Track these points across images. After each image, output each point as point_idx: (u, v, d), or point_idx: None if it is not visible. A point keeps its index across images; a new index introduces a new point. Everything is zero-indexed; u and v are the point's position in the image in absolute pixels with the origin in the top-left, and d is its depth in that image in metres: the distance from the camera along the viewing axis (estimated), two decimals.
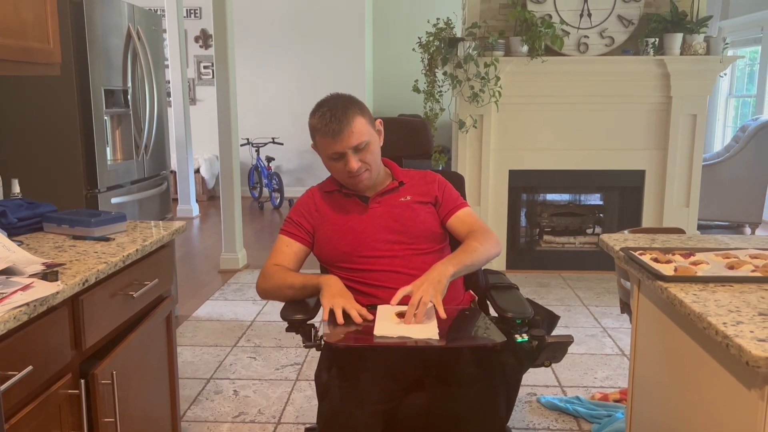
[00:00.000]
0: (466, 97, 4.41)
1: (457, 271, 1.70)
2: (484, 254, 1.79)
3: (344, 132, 1.73)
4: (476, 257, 1.77)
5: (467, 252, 1.77)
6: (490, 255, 1.82)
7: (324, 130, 1.74)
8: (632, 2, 4.43)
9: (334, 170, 1.84)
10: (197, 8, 7.97)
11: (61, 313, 1.42)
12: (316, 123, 1.77)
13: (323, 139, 1.76)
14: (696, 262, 1.60)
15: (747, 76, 7.33)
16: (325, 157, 1.81)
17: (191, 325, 3.69)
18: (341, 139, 1.74)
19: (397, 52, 8.33)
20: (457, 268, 1.71)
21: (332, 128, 1.73)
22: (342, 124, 1.73)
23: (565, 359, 3.12)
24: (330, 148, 1.76)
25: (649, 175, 4.63)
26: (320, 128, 1.75)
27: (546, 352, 1.61)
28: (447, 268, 1.68)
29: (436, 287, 1.61)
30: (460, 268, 1.72)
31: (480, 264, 1.81)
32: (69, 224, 1.86)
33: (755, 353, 1.07)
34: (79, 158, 2.93)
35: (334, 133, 1.73)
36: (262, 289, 1.85)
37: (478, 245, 1.79)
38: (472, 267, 1.78)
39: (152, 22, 3.52)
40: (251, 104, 7.88)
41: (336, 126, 1.72)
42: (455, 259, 1.74)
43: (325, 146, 1.78)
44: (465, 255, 1.76)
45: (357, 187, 1.86)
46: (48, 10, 1.89)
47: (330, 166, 1.84)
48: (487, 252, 1.81)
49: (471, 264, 1.76)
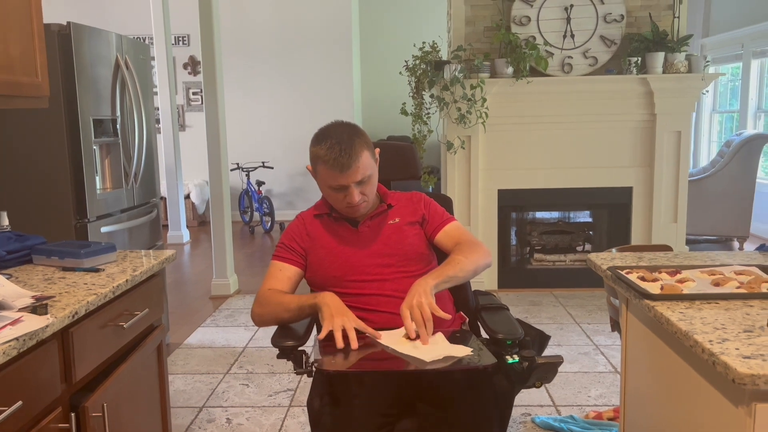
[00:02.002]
0: (454, 118, 4.45)
1: (438, 282, 1.72)
2: (469, 266, 1.80)
3: (352, 167, 1.74)
4: (460, 269, 1.78)
5: (449, 264, 1.79)
6: (478, 265, 1.82)
7: (332, 163, 1.73)
8: (614, 23, 4.51)
9: (333, 199, 1.84)
10: (185, 35, 8.03)
11: (51, 346, 1.41)
12: (323, 154, 1.75)
13: (329, 171, 1.76)
14: (682, 280, 1.62)
15: (730, 91, 7.45)
16: (326, 186, 1.81)
17: (183, 353, 3.66)
18: (349, 174, 1.74)
19: (384, 75, 8.41)
20: (438, 279, 1.72)
21: (341, 162, 1.72)
22: (351, 159, 1.73)
23: (559, 378, 3.12)
24: (334, 181, 1.77)
25: (637, 191, 4.68)
26: (328, 160, 1.74)
27: (537, 372, 1.62)
28: (427, 281, 1.70)
29: (427, 294, 1.65)
30: (443, 279, 1.73)
31: (466, 275, 1.81)
32: (58, 256, 1.86)
33: (741, 371, 1.08)
34: (68, 188, 2.93)
35: (342, 167, 1.73)
36: (257, 314, 1.83)
37: (462, 257, 1.80)
38: (456, 279, 1.78)
39: (140, 51, 3.55)
40: (241, 129, 7.91)
41: (345, 160, 1.72)
42: (436, 272, 1.76)
43: (328, 177, 1.78)
44: (447, 267, 1.78)
45: (352, 215, 1.87)
46: (36, 44, 1.91)
47: (328, 195, 1.84)
48: (474, 263, 1.81)
49: (454, 276, 1.76)
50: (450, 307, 1.95)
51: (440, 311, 1.63)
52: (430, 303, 1.64)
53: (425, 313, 1.63)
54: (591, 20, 4.51)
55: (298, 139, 7.91)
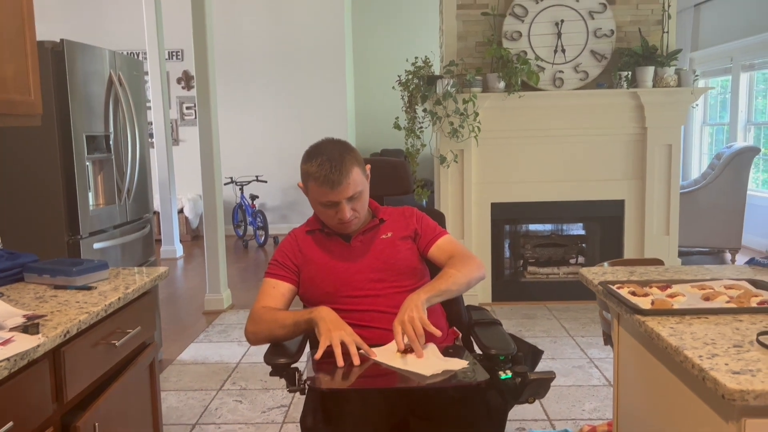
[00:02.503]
0: (446, 132, 4.48)
1: (431, 296, 1.73)
2: (462, 279, 1.81)
3: (342, 183, 1.75)
4: (453, 282, 1.79)
5: (442, 278, 1.80)
6: (471, 278, 1.83)
7: (322, 180, 1.75)
8: (604, 38, 4.56)
9: (324, 215, 1.85)
10: (179, 50, 8.06)
11: (42, 366, 1.41)
12: (313, 171, 1.76)
13: (319, 187, 1.77)
14: (673, 295, 1.63)
15: (720, 104, 7.52)
16: (317, 203, 1.83)
17: (175, 370, 3.65)
18: (339, 190, 1.76)
19: (377, 89, 8.46)
20: (430, 294, 1.73)
21: (331, 179, 1.74)
22: (342, 176, 1.74)
23: (553, 391, 3.12)
24: (325, 197, 1.78)
25: (629, 204, 4.70)
26: (318, 177, 1.75)
27: (529, 388, 1.62)
28: (419, 295, 1.71)
29: (419, 309, 1.66)
30: (435, 293, 1.75)
31: (459, 289, 1.82)
32: (50, 274, 1.85)
33: (730, 386, 1.09)
34: (60, 205, 2.92)
35: (333, 184, 1.75)
36: (251, 332, 1.82)
37: (455, 271, 1.82)
38: (449, 293, 1.79)
39: (134, 68, 3.56)
40: (234, 143, 7.92)
41: (336, 177, 1.74)
42: (428, 286, 1.77)
43: (319, 194, 1.79)
44: (439, 281, 1.79)
45: (343, 231, 1.88)
46: (29, 63, 1.91)
47: (319, 211, 1.86)
48: (467, 276, 1.82)
49: (447, 289, 1.78)
50: (443, 323, 1.95)
51: (432, 327, 1.64)
52: (422, 318, 1.65)
53: (417, 329, 1.63)
54: (581, 35, 4.56)
55: (291, 153, 7.92)
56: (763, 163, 6.57)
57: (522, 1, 4.56)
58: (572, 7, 4.54)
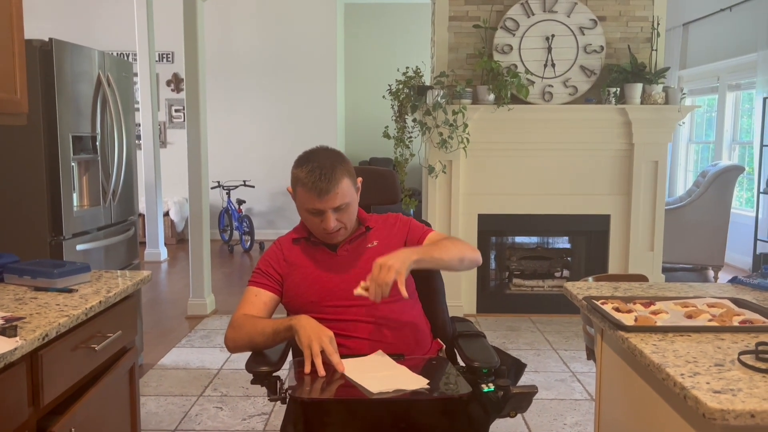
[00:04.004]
0: (436, 143, 4.49)
1: (422, 258, 1.73)
2: (455, 253, 1.81)
3: (330, 193, 1.74)
4: (446, 252, 1.79)
5: (436, 246, 1.81)
6: (465, 255, 1.83)
7: (310, 186, 1.74)
8: (594, 54, 4.60)
9: (310, 223, 1.84)
10: (170, 53, 8.03)
11: (19, 369, 1.38)
12: (303, 176, 1.76)
13: (307, 194, 1.76)
14: (656, 312, 1.64)
15: (706, 122, 7.60)
16: (303, 209, 1.82)
17: (156, 374, 3.61)
18: (326, 199, 1.75)
19: (368, 97, 8.47)
20: (421, 256, 1.73)
21: (319, 187, 1.73)
22: (330, 185, 1.74)
23: (535, 405, 3.12)
24: (311, 204, 1.77)
25: (614, 219, 4.73)
26: (307, 183, 1.75)
27: (512, 402, 1.62)
28: (411, 254, 1.71)
29: (402, 263, 1.65)
30: (426, 257, 1.75)
31: (451, 261, 1.80)
32: (31, 275, 1.83)
33: (711, 405, 1.09)
34: (44, 205, 2.88)
35: (320, 192, 1.74)
36: (231, 339, 1.80)
37: (450, 243, 1.83)
38: (441, 262, 1.79)
39: (123, 69, 3.53)
40: (222, 147, 7.89)
41: (324, 185, 1.73)
42: (422, 249, 1.78)
43: (306, 201, 1.78)
44: (433, 248, 1.80)
45: (329, 241, 1.87)
46: (17, 62, 1.89)
47: (306, 218, 1.85)
48: (461, 252, 1.82)
49: (438, 258, 1.78)
50: (426, 334, 1.95)
51: (403, 288, 1.63)
52: (400, 272, 1.64)
53: (385, 278, 1.63)
54: (571, 50, 4.60)
55: (280, 159, 7.91)
56: (747, 181, 6.65)
57: (514, 15, 4.60)
58: (563, 22, 4.59)
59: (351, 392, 1.57)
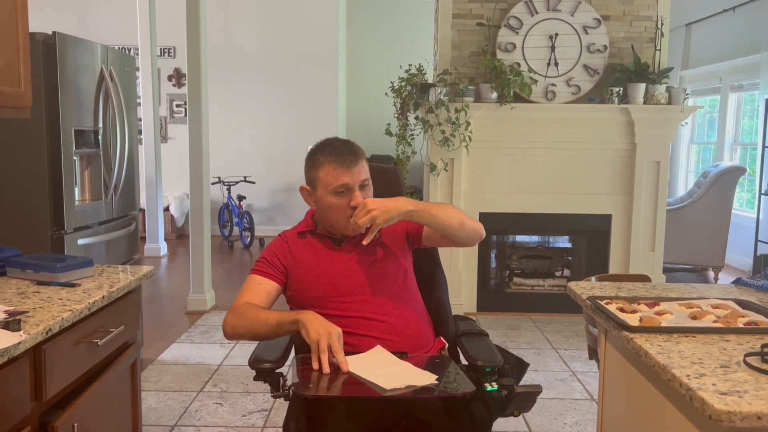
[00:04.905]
0: (438, 141, 4.48)
1: (415, 210, 1.75)
2: (456, 215, 1.81)
3: (357, 164, 1.79)
4: (445, 214, 1.80)
5: (437, 205, 1.83)
6: (465, 223, 1.82)
7: (339, 161, 1.77)
8: (597, 53, 4.59)
9: (335, 208, 1.81)
10: (171, 47, 8.01)
11: (22, 363, 1.38)
12: (328, 154, 1.79)
13: (334, 171, 1.77)
14: (660, 312, 1.63)
15: (708, 123, 7.60)
16: (329, 193, 1.79)
17: (156, 369, 3.60)
18: (354, 171, 1.78)
19: (370, 94, 8.45)
20: (417, 208, 1.76)
21: (347, 159, 1.77)
22: (356, 157, 1.79)
23: (535, 404, 3.12)
24: (339, 180, 1.77)
25: (616, 219, 4.73)
26: (334, 159, 1.78)
27: (515, 401, 1.62)
28: (406, 204, 1.75)
29: (385, 212, 1.70)
30: (422, 212, 1.77)
31: (450, 221, 1.80)
32: (34, 269, 1.82)
33: (717, 407, 1.09)
34: (45, 199, 2.88)
35: (349, 164, 1.77)
36: (231, 325, 1.77)
37: (452, 207, 1.85)
38: (438, 219, 1.79)
39: (125, 63, 3.53)
40: (223, 143, 7.88)
41: (352, 158, 1.78)
42: (421, 203, 1.80)
43: (333, 179, 1.78)
44: (433, 205, 1.82)
45: (350, 233, 1.85)
46: (21, 55, 1.89)
47: (330, 205, 1.81)
48: (462, 218, 1.82)
49: (437, 215, 1.78)
50: (429, 332, 1.94)
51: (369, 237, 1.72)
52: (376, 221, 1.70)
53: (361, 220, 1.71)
54: (575, 49, 4.59)
55: (281, 155, 7.90)
56: (748, 183, 6.64)
57: (517, 13, 4.59)
58: (567, 21, 4.57)
59: (356, 390, 1.56)
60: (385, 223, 1.72)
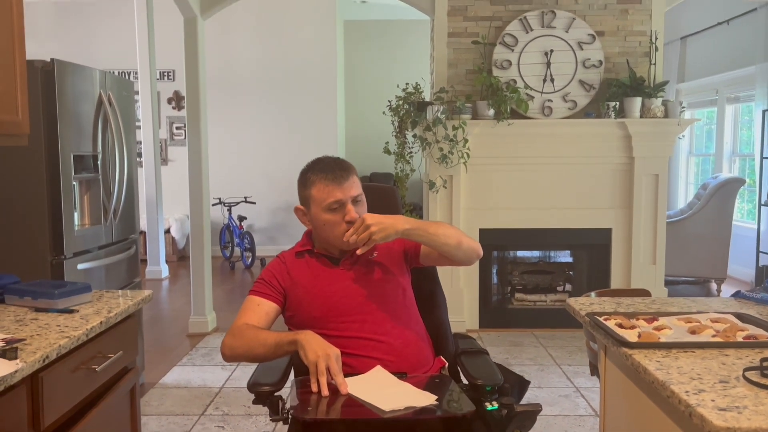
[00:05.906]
0: (436, 158, 4.50)
1: (413, 228, 1.76)
2: (454, 234, 1.81)
3: (348, 179, 1.81)
4: (443, 232, 1.80)
5: (434, 223, 1.84)
6: (462, 241, 1.82)
7: (330, 177, 1.80)
8: (593, 68, 4.62)
9: (329, 224, 1.82)
10: (171, 71, 8.07)
11: (20, 391, 1.37)
12: (318, 172, 1.82)
13: (326, 187, 1.79)
14: (659, 327, 1.63)
15: (706, 134, 7.62)
16: (322, 210, 1.81)
17: (157, 393, 3.58)
18: (345, 186, 1.79)
19: (368, 113, 8.50)
20: (414, 226, 1.76)
21: (338, 174, 1.80)
22: (347, 173, 1.82)
23: (539, 421, 3.08)
24: (332, 196, 1.79)
25: (616, 233, 4.72)
26: (324, 176, 1.80)
27: (515, 420, 1.61)
28: (404, 223, 1.75)
29: (382, 229, 1.71)
30: (419, 230, 1.77)
31: (447, 240, 1.80)
32: (32, 296, 1.82)
33: (716, 423, 1.08)
34: (45, 224, 2.88)
35: (340, 180, 1.79)
36: (229, 347, 1.77)
37: (449, 226, 1.85)
38: (435, 238, 1.79)
39: (124, 88, 3.55)
40: (223, 164, 7.90)
41: (343, 173, 1.81)
42: (419, 221, 1.81)
43: (326, 195, 1.79)
44: (430, 224, 1.83)
45: (346, 248, 1.85)
46: (18, 83, 1.90)
47: (324, 222, 1.82)
48: (459, 236, 1.82)
49: (434, 233, 1.78)
50: (429, 351, 1.94)
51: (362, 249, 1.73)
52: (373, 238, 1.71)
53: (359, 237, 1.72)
54: (570, 65, 4.62)
55: (281, 175, 7.92)
56: (748, 193, 6.64)
57: (512, 30, 4.62)
58: (561, 37, 4.61)
59: (355, 412, 1.56)
60: (382, 240, 1.73)
